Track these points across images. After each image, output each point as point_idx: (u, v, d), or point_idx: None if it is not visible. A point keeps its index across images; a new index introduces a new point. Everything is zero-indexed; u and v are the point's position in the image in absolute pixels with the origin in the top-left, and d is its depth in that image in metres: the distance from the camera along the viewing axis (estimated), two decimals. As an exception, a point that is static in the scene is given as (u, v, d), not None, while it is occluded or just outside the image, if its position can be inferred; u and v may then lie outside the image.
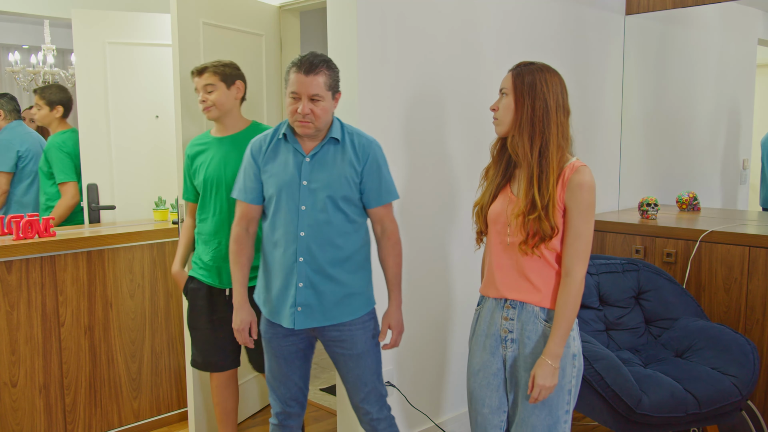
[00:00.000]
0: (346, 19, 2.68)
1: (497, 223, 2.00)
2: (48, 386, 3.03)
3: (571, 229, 1.89)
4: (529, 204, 1.88)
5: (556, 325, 1.90)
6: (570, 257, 1.90)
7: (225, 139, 2.72)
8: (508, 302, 2.00)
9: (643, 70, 4.09)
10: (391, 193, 2.27)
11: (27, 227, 2.96)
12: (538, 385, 1.90)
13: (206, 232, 2.72)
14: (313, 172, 2.18)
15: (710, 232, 3.14)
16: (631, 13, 3.91)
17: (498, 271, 2.01)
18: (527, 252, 1.92)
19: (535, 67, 1.93)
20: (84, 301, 3.12)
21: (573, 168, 1.90)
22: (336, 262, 2.20)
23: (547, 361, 1.89)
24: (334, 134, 2.19)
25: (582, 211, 1.88)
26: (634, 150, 4.06)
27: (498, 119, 1.97)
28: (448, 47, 2.99)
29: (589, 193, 1.89)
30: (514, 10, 3.25)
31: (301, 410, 2.40)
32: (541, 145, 1.89)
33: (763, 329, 3.00)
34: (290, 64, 2.14)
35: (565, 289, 1.91)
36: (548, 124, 1.89)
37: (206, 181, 2.69)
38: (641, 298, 3.04)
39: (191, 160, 2.76)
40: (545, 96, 1.89)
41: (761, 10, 4.35)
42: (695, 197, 3.78)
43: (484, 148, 3.21)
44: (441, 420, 3.15)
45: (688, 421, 2.51)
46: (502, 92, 1.97)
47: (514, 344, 1.99)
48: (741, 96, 4.51)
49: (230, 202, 2.63)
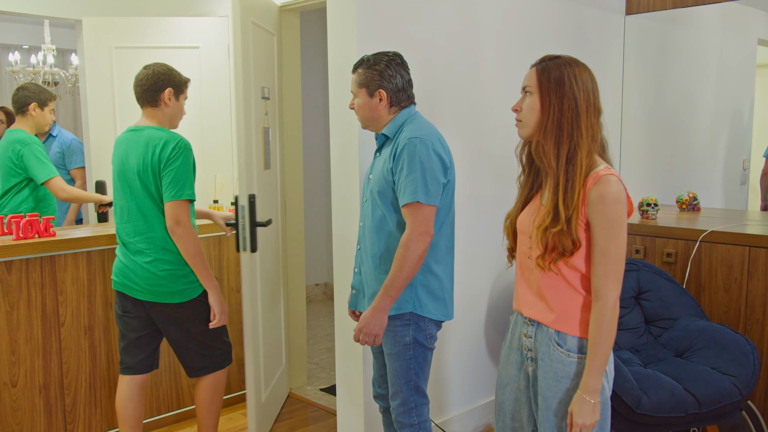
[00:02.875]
0: (346, 20, 2.68)
1: (523, 234, 1.83)
2: (48, 386, 3.03)
3: (596, 248, 1.68)
4: (552, 215, 1.69)
5: (592, 356, 1.69)
6: (598, 278, 1.68)
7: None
8: (527, 319, 1.85)
9: (643, 70, 4.09)
10: (406, 193, 2.15)
11: (27, 227, 2.96)
12: (577, 425, 1.70)
13: None
14: (373, 167, 2.34)
15: (710, 232, 3.14)
16: (631, 13, 3.91)
17: (519, 285, 1.88)
18: (544, 268, 1.73)
19: (561, 61, 1.74)
20: (84, 301, 3.12)
21: (596, 178, 1.67)
22: (368, 257, 2.31)
23: (585, 397, 1.69)
24: (385, 131, 2.27)
25: (606, 226, 1.65)
26: (634, 150, 4.06)
27: (521, 121, 1.77)
28: (448, 47, 2.99)
29: (615, 206, 1.65)
30: (513, 10, 3.25)
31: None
32: (569, 150, 1.68)
33: (763, 329, 3.00)
34: None
35: (597, 315, 1.68)
36: (578, 126, 1.69)
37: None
38: (641, 298, 3.04)
39: None
40: (575, 94, 1.69)
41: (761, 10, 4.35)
42: (695, 197, 3.78)
43: (485, 150, 3.22)
44: (441, 420, 3.15)
45: (688, 421, 2.51)
46: (525, 90, 1.77)
47: (534, 363, 1.84)
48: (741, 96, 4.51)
49: None
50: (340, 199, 2.83)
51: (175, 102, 2.70)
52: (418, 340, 2.26)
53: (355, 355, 2.83)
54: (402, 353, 2.26)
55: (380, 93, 2.24)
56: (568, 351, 1.76)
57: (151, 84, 2.65)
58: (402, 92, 2.27)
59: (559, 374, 1.76)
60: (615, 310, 1.69)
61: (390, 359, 2.29)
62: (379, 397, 2.50)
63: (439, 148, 2.18)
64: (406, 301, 2.24)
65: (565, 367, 1.76)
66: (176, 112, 2.73)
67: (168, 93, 2.67)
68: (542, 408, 1.80)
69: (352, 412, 2.89)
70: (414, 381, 2.28)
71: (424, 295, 2.25)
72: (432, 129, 2.23)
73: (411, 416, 2.30)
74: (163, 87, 2.66)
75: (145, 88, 2.66)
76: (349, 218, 2.78)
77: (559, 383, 1.77)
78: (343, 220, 2.82)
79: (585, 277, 1.74)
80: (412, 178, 2.12)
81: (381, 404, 2.51)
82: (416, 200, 2.11)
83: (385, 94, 2.24)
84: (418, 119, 2.27)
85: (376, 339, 2.21)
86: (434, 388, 3.11)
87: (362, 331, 2.21)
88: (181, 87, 2.72)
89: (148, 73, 2.66)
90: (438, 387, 3.13)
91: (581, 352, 1.75)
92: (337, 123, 2.80)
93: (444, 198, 2.22)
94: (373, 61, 2.25)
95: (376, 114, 2.27)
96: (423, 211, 2.13)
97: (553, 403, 1.78)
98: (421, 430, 2.32)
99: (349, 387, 2.89)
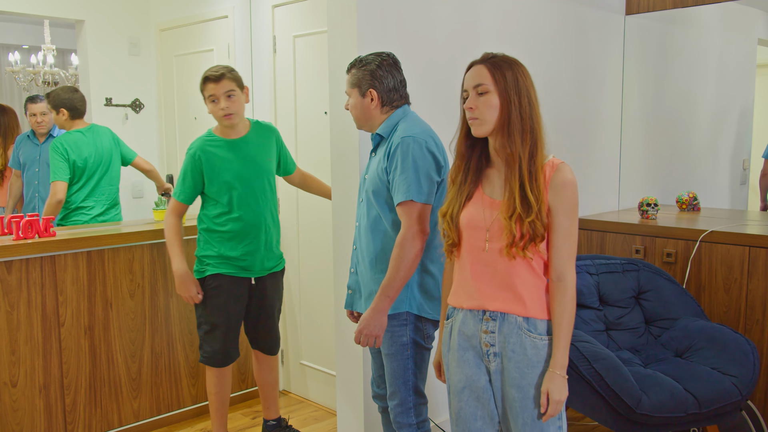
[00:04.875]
0: (346, 20, 2.68)
1: (472, 229, 1.86)
2: (48, 386, 3.03)
3: (559, 231, 1.79)
4: (522, 206, 1.76)
5: (560, 335, 1.80)
6: (560, 260, 1.80)
7: (239, 141, 2.90)
8: (487, 314, 1.86)
9: (643, 70, 4.09)
10: (400, 192, 2.15)
11: (27, 227, 2.96)
12: (554, 401, 1.78)
13: (235, 230, 2.87)
14: (368, 167, 2.35)
15: (710, 232, 3.14)
16: (631, 13, 3.91)
17: (475, 281, 1.87)
18: (517, 255, 1.78)
19: (507, 58, 1.82)
20: (84, 301, 3.12)
21: (553, 166, 1.80)
22: (364, 257, 2.31)
23: (557, 373, 1.79)
24: (379, 131, 2.28)
25: (567, 210, 1.79)
26: (634, 150, 4.06)
27: (479, 119, 1.80)
28: (447, 48, 2.98)
29: (573, 191, 1.79)
30: (513, 10, 3.25)
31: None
32: (531, 143, 1.77)
33: (763, 329, 2.99)
34: None
35: (562, 295, 1.81)
36: (536, 120, 1.78)
37: (232, 181, 2.85)
38: (641, 298, 3.04)
39: (203, 161, 2.85)
40: (528, 91, 1.79)
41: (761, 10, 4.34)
42: (695, 197, 3.78)
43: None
44: (441, 420, 3.15)
45: (688, 421, 2.51)
46: (476, 89, 1.80)
47: (497, 358, 1.86)
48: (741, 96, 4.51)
49: (259, 199, 2.89)
50: (339, 200, 2.83)
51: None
52: (416, 340, 2.27)
53: (355, 355, 2.83)
54: (400, 353, 2.26)
55: (371, 93, 2.25)
56: (539, 335, 1.83)
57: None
58: (394, 92, 2.27)
59: (533, 360, 1.83)
60: (575, 289, 1.82)
61: (388, 359, 2.29)
62: (377, 397, 2.50)
63: (432, 147, 2.18)
64: (403, 301, 2.25)
65: (539, 351, 1.83)
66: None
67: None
68: (518, 398, 1.83)
69: (352, 412, 2.89)
70: (412, 381, 2.28)
71: (420, 295, 2.26)
72: (426, 127, 2.23)
73: (409, 416, 2.30)
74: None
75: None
76: (348, 219, 2.78)
77: (534, 369, 1.83)
78: (343, 220, 2.82)
79: (545, 263, 1.84)
80: (405, 176, 2.13)
81: (380, 404, 2.51)
82: (410, 198, 2.12)
83: (377, 94, 2.25)
84: (411, 118, 2.27)
85: (376, 340, 2.21)
86: (433, 389, 3.11)
87: (362, 333, 2.21)
88: (202, 92, 2.88)
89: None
90: (437, 387, 3.13)
91: (549, 334, 1.85)
92: (336, 123, 2.80)
93: (439, 197, 2.22)
94: (364, 62, 2.26)
95: (368, 114, 2.28)
96: (417, 210, 2.13)
97: (531, 390, 1.83)
98: (419, 429, 2.32)
99: (349, 387, 2.89)
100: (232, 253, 2.89)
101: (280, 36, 3.68)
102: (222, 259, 2.90)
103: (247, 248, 2.90)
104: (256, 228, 2.90)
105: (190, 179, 2.87)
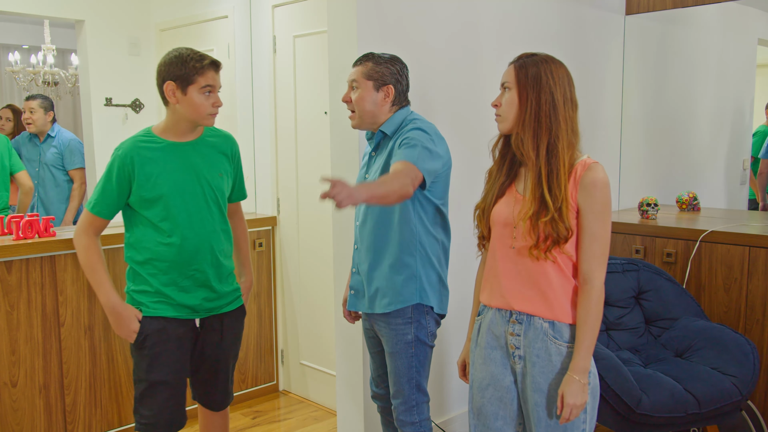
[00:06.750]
0: (346, 20, 2.68)
1: (501, 225, 1.86)
2: (48, 386, 3.03)
3: (586, 232, 1.76)
4: (539, 205, 1.75)
5: (581, 338, 1.76)
6: (588, 262, 1.76)
7: (185, 145, 2.30)
8: (513, 316, 1.85)
9: (643, 70, 4.09)
10: (403, 156, 2.11)
11: (27, 227, 2.96)
12: (568, 405, 1.74)
13: (172, 259, 2.26)
14: (369, 166, 2.37)
15: (710, 232, 3.14)
16: (631, 13, 3.91)
17: (504, 279, 1.86)
18: (539, 257, 1.77)
19: (538, 58, 1.81)
20: (84, 301, 3.12)
21: (585, 165, 1.77)
22: (371, 255, 2.31)
23: (575, 378, 1.75)
24: (384, 128, 2.27)
25: (597, 211, 1.75)
26: (634, 150, 4.06)
27: (501, 116, 1.84)
28: (448, 48, 2.98)
29: (603, 192, 1.75)
30: (513, 11, 3.25)
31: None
32: (548, 142, 1.76)
33: (763, 329, 3.00)
34: None
35: (587, 298, 1.76)
36: (556, 119, 1.76)
37: (170, 195, 2.25)
38: (641, 298, 3.04)
39: (135, 165, 2.23)
40: (551, 89, 1.77)
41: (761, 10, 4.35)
42: (695, 197, 3.78)
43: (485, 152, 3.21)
44: (441, 420, 3.15)
45: (688, 421, 2.51)
46: (504, 86, 1.85)
47: (522, 361, 1.85)
48: (741, 96, 4.51)
49: (204, 221, 2.29)
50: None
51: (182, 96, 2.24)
52: (420, 337, 2.28)
53: (355, 355, 2.83)
54: (404, 351, 2.27)
55: (389, 89, 2.27)
56: (565, 342, 1.81)
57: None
58: (404, 94, 2.33)
59: (558, 367, 1.81)
60: (602, 292, 1.77)
61: (391, 358, 2.30)
62: (377, 397, 2.50)
63: (439, 141, 2.23)
64: (412, 294, 2.26)
65: (563, 358, 1.81)
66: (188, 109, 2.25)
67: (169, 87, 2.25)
68: (541, 404, 1.82)
69: (352, 412, 2.89)
70: (416, 379, 2.29)
71: (428, 287, 2.28)
72: (434, 126, 2.29)
73: (412, 414, 2.31)
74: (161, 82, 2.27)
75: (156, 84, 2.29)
76: (348, 219, 2.78)
77: (559, 375, 1.81)
78: (343, 221, 2.82)
79: (574, 264, 1.80)
80: (411, 146, 2.11)
81: (379, 404, 2.51)
82: (413, 163, 2.07)
83: (393, 91, 2.27)
84: (419, 117, 2.31)
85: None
86: (434, 388, 3.11)
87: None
88: (187, 78, 2.23)
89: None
90: (438, 387, 3.13)
91: (572, 341, 1.81)
92: (336, 123, 2.80)
93: (440, 189, 2.26)
94: (384, 59, 2.28)
95: (377, 109, 2.28)
96: (418, 171, 2.07)
97: (555, 395, 1.81)
98: (422, 428, 2.32)
99: (349, 387, 2.89)
100: (168, 289, 2.29)
101: (280, 36, 3.68)
102: (161, 297, 2.30)
103: (186, 282, 2.30)
104: (200, 256, 2.29)
105: (114, 187, 2.24)
